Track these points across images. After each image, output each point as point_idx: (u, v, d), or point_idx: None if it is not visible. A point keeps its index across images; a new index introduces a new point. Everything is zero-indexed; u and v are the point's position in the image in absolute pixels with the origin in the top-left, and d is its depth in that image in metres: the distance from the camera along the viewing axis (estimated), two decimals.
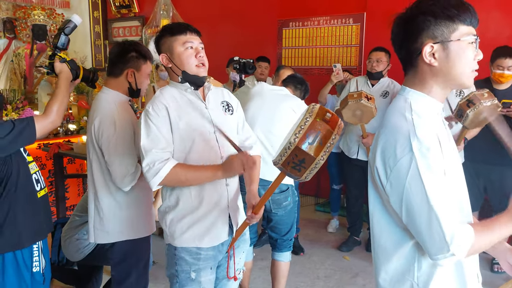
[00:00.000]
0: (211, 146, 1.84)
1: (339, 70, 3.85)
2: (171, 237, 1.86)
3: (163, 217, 1.88)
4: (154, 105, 1.78)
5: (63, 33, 2.18)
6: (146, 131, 1.75)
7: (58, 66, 2.16)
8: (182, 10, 5.96)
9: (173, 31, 1.83)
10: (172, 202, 1.85)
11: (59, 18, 7.16)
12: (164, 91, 1.85)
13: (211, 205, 1.84)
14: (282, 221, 2.81)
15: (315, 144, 1.38)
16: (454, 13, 1.13)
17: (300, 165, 1.43)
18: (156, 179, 1.71)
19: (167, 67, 1.88)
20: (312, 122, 1.39)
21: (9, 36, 6.94)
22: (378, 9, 4.48)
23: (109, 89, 2.20)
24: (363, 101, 3.25)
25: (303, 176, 1.46)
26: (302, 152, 1.39)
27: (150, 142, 1.74)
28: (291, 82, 2.90)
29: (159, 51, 1.88)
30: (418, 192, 1.09)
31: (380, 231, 1.27)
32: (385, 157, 1.16)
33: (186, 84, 1.85)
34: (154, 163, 1.71)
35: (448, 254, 1.09)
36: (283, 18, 5.17)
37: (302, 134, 1.38)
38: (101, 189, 2.17)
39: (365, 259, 3.73)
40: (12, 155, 2.05)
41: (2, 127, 1.95)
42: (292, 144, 1.39)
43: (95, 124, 2.12)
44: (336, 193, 4.42)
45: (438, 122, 1.20)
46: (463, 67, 1.16)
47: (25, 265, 2.09)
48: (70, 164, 4.48)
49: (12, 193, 2.06)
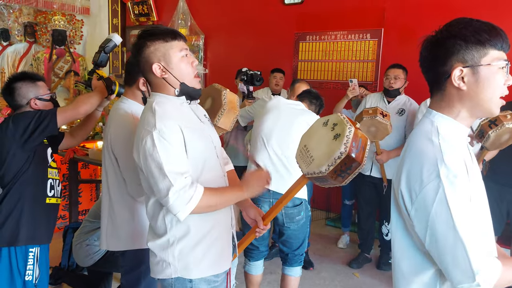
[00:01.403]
0: (215, 163, 1.73)
1: (355, 85, 3.84)
2: (184, 269, 1.64)
3: (166, 250, 1.65)
4: (166, 124, 1.54)
5: (103, 51, 2.26)
6: (165, 154, 1.52)
7: (95, 84, 2.30)
8: (200, 19, 6.02)
9: (166, 36, 1.61)
10: (181, 231, 1.64)
11: (78, 24, 7.28)
12: (164, 107, 1.61)
13: (221, 226, 1.73)
14: (294, 236, 2.80)
15: (359, 150, 1.48)
16: (485, 37, 1.12)
17: (346, 172, 1.50)
18: (188, 207, 1.53)
19: (156, 78, 1.63)
20: (354, 130, 1.49)
21: (29, 40, 7.07)
22: (396, 25, 4.48)
23: (127, 98, 2.23)
24: (378, 117, 3.23)
25: (345, 182, 1.54)
26: (351, 159, 1.46)
27: (173, 166, 1.53)
28: (306, 97, 2.90)
29: (149, 60, 1.61)
30: (445, 219, 1.08)
31: (401, 255, 1.25)
32: (410, 182, 1.15)
33: (182, 98, 1.67)
34: (183, 190, 1.52)
35: (474, 284, 1.07)
36: (300, 31, 5.19)
37: (350, 143, 1.46)
38: (116, 198, 2.18)
39: (375, 277, 3.69)
40: (36, 153, 2.14)
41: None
42: (342, 154, 1.46)
43: (111, 133, 2.15)
44: (347, 208, 4.38)
45: (464, 146, 1.18)
46: (492, 92, 1.15)
47: (18, 269, 2.13)
48: (84, 169, 4.52)
49: (24, 187, 2.16)
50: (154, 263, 1.70)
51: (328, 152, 1.51)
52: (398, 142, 3.60)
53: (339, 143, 1.48)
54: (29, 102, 2.28)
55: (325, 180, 1.57)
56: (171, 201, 1.53)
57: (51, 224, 2.32)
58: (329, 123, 1.60)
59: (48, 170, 2.25)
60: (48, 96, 2.31)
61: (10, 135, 2.13)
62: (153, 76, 1.63)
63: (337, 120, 1.56)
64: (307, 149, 1.66)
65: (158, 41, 1.60)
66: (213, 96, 2.42)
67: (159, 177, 1.53)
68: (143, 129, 1.57)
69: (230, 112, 2.29)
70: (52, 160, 2.30)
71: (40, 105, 2.28)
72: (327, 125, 1.61)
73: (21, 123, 2.13)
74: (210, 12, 6.00)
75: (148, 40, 1.60)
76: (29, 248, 2.17)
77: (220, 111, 2.26)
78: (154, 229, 1.69)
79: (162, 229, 1.65)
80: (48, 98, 2.31)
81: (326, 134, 1.59)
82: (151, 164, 1.53)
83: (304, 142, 1.73)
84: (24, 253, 2.16)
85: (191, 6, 6.07)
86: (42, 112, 2.17)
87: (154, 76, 1.62)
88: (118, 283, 2.48)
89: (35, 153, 2.21)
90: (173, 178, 1.52)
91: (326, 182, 1.58)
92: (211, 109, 2.33)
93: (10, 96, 2.30)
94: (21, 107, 2.28)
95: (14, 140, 2.12)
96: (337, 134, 1.52)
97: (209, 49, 6.00)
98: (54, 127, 2.16)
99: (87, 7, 7.36)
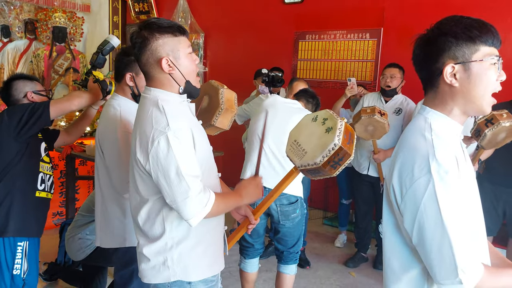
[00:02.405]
0: (213, 164, 1.70)
1: (354, 84, 3.84)
2: (183, 272, 1.59)
3: (164, 254, 1.58)
4: (179, 125, 1.47)
5: (101, 53, 2.26)
6: (182, 156, 1.45)
7: (90, 85, 2.31)
8: (200, 18, 6.03)
9: (175, 31, 1.52)
10: (180, 234, 1.58)
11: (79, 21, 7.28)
12: (171, 105, 1.53)
13: (217, 227, 1.71)
14: (290, 233, 2.80)
15: (350, 143, 1.57)
16: (476, 34, 1.13)
17: (338, 163, 1.58)
18: (203, 212, 1.48)
19: (161, 74, 1.54)
20: (345, 124, 1.58)
21: (30, 37, 7.08)
22: (395, 25, 4.47)
23: (117, 94, 2.21)
24: (376, 116, 3.23)
25: (335, 172, 1.61)
26: (343, 151, 1.55)
27: (190, 169, 1.46)
28: (303, 96, 2.91)
29: (156, 54, 1.51)
30: (433, 214, 1.08)
31: (391, 251, 1.25)
32: (402, 176, 1.15)
33: (184, 96, 1.60)
34: (200, 194, 1.47)
35: (456, 280, 1.07)
36: (300, 30, 5.19)
37: (342, 135, 1.54)
38: (107, 195, 2.17)
39: (372, 276, 3.68)
40: (29, 146, 2.17)
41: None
42: (336, 145, 1.53)
43: (99, 129, 2.17)
44: (345, 207, 4.39)
45: (456, 143, 1.18)
46: (484, 88, 1.15)
47: (6, 262, 2.15)
48: (82, 165, 4.53)
49: (15, 179, 2.19)
50: (147, 268, 1.61)
51: (321, 144, 1.58)
52: (395, 141, 3.59)
53: (332, 135, 1.55)
54: (26, 95, 2.33)
55: (317, 172, 1.62)
56: (188, 205, 1.45)
57: (41, 218, 2.32)
58: (318, 119, 1.67)
59: (40, 164, 2.26)
60: (44, 91, 2.34)
61: (4, 127, 2.15)
62: (158, 70, 1.53)
63: (327, 115, 1.64)
64: (298, 143, 1.70)
65: (168, 34, 1.50)
66: (210, 94, 2.37)
67: (175, 181, 1.44)
68: (152, 129, 1.46)
69: (228, 111, 2.24)
70: (45, 155, 2.31)
71: (37, 99, 2.34)
72: (316, 120, 1.68)
73: (15, 115, 2.16)
74: (210, 11, 6.00)
75: (157, 32, 1.49)
76: (17, 242, 2.19)
77: (218, 110, 2.21)
78: (147, 233, 1.60)
79: (158, 233, 1.58)
80: (44, 93, 2.34)
81: (316, 129, 1.65)
82: (166, 167, 1.44)
83: (293, 137, 1.76)
84: (13, 246, 2.18)
85: (191, 4, 6.08)
86: (36, 104, 2.20)
87: (159, 71, 1.53)
88: (113, 278, 2.48)
89: (28, 145, 2.23)
90: (191, 182, 1.45)
91: (318, 173, 1.63)
92: (208, 108, 2.29)
93: (6, 92, 2.34)
94: (18, 102, 2.30)
95: (8, 131, 2.15)
96: (329, 128, 1.59)
97: (209, 47, 6.00)
98: (47, 118, 2.18)
99: (88, 4, 7.36)
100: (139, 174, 1.55)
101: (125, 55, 2.15)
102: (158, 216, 1.57)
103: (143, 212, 1.59)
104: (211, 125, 2.25)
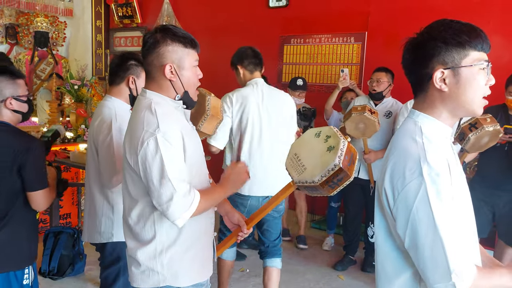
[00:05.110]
0: (204, 168, 1.72)
1: (346, 76, 3.86)
2: (173, 278, 1.59)
3: (154, 259, 1.58)
4: (169, 127, 1.51)
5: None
6: (169, 158, 1.48)
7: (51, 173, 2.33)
8: (184, 22, 5.99)
9: (187, 43, 1.58)
10: (171, 236, 1.58)
11: (61, 26, 7.19)
12: (163, 108, 1.56)
13: (207, 232, 1.71)
14: (275, 225, 2.87)
15: (350, 164, 1.54)
16: (465, 39, 1.13)
17: (336, 183, 1.56)
18: (188, 213, 1.50)
19: (161, 78, 1.58)
20: (348, 144, 1.55)
21: (11, 42, 6.96)
22: (380, 29, 4.51)
23: (110, 96, 2.30)
24: (367, 114, 3.26)
25: (333, 192, 1.60)
26: (343, 172, 1.52)
27: (177, 172, 1.49)
28: (251, 64, 3.25)
29: (161, 58, 1.56)
30: (425, 217, 1.08)
31: (383, 255, 1.25)
32: (393, 180, 1.15)
33: (179, 102, 1.64)
34: (184, 196, 1.49)
35: (450, 284, 1.06)
36: (285, 34, 5.20)
37: (343, 156, 1.50)
38: (95, 190, 2.26)
39: (360, 279, 3.69)
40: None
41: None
42: (336, 166, 1.50)
43: (94, 125, 2.24)
44: (333, 211, 4.39)
45: (447, 146, 1.19)
46: (473, 93, 1.15)
47: (16, 278, 2.09)
48: (66, 172, 4.44)
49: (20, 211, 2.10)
50: (137, 273, 1.61)
51: (322, 163, 1.55)
52: (385, 144, 3.61)
53: (334, 155, 1.52)
54: (4, 101, 2.07)
55: (314, 189, 1.60)
56: (172, 207, 1.48)
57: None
58: (321, 135, 1.63)
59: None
60: (25, 97, 2.17)
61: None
62: (160, 74, 1.58)
63: (331, 133, 1.60)
64: (298, 158, 1.68)
65: (179, 43, 1.57)
66: (197, 100, 2.42)
67: (161, 182, 1.47)
68: (142, 131, 1.50)
69: (213, 118, 2.33)
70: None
71: (16, 106, 2.10)
72: (319, 137, 1.64)
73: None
74: (194, 15, 5.98)
75: (170, 38, 1.56)
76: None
77: (204, 116, 2.29)
78: (138, 236, 1.60)
79: (149, 236, 1.58)
80: (25, 99, 2.17)
81: (318, 145, 1.62)
82: (153, 168, 1.47)
83: (294, 150, 1.73)
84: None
85: (175, 8, 6.05)
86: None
87: (160, 75, 1.58)
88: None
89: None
90: (176, 184, 1.48)
91: (315, 191, 1.61)
92: (195, 114, 2.37)
93: None
94: None
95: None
96: (331, 147, 1.56)
97: None
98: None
99: (71, 8, 7.27)
100: (130, 174, 1.58)
101: (126, 60, 2.26)
102: (148, 218, 1.58)
103: (134, 214, 1.61)
104: (197, 130, 2.31)
